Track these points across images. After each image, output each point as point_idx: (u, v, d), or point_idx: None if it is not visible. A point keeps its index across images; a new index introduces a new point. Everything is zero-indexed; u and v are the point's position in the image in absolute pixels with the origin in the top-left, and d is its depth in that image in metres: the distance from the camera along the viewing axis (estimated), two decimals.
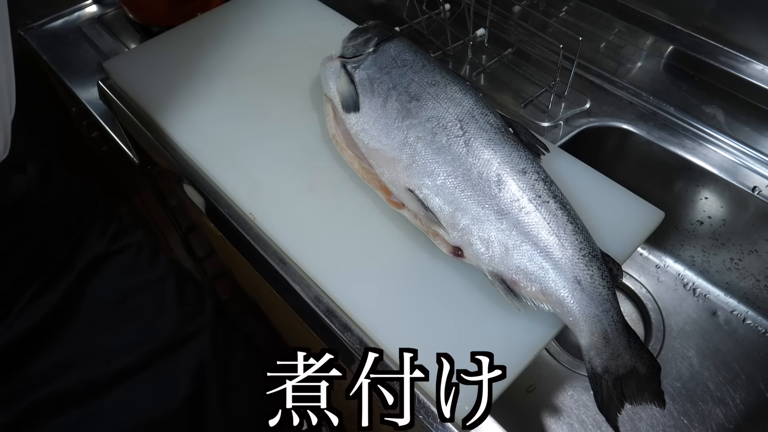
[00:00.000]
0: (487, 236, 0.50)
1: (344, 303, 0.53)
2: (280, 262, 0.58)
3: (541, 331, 0.51)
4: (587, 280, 0.48)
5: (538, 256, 0.49)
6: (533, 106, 0.76)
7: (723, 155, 0.70)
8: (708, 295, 0.79)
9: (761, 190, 0.67)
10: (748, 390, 0.71)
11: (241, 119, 0.68)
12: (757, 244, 0.71)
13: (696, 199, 0.73)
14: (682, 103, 0.75)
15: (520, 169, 0.51)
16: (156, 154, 0.71)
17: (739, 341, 0.75)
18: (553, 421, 0.70)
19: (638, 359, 0.48)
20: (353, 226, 0.58)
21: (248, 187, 0.61)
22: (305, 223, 0.58)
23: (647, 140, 0.73)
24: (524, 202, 0.50)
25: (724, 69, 0.71)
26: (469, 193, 0.51)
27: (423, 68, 0.59)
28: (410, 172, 0.54)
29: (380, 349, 0.50)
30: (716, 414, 0.69)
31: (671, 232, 0.80)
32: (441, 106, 0.55)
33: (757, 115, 0.71)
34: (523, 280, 0.49)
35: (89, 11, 1.07)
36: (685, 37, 0.74)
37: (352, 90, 0.60)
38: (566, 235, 0.49)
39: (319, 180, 0.61)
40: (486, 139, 0.53)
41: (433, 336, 0.50)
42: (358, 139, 0.59)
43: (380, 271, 0.54)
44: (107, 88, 0.77)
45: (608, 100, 0.77)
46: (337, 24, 0.79)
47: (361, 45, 0.63)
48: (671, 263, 0.82)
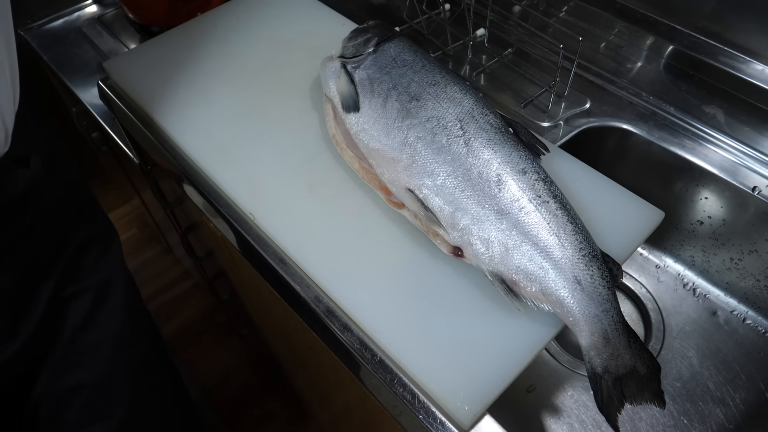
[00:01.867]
0: (487, 236, 0.50)
1: (344, 303, 0.53)
2: (280, 262, 0.58)
3: (541, 331, 0.51)
4: (587, 280, 0.48)
5: (538, 256, 0.49)
6: (533, 106, 0.76)
7: (723, 155, 0.70)
8: (708, 295, 0.79)
9: (761, 190, 0.67)
10: (748, 390, 0.71)
11: (241, 119, 0.68)
12: (757, 244, 0.71)
13: (696, 199, 0.73)
14: (682, 103, 0.75)
15: (520, 169, 0.51)
16: (156, 154, 0.71)
17: (739, 341, 0.75)
18: (553, 421, 0.70)
19: (638, 359, 0.48)
20: (353, 226, 0.58)
21: (248, 187, 0.61)
22: (305, 223, 0.58)
23: (647, 140, 0.73)
24: (524, 202, 0.50)
25: (724, 69, 0.71)
26: (469, 193, 0.51)
27: (423, 68, 0.59)
28: (410, 172, 0.54)
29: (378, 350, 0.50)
30: (716, 414, 0.69)
31: (671, 232, 0.80)
32: (441, 106, 0.55)
33: (757, 115, 0.71)
34: (523, 280, 0.49)
35: (89, 11, 1.07)
36: (685, 37, 0.74)
37: (352, 90, 0.60)
38: (566, 235, 0.49)
39: (319, 180, 0.61)
40: (486, 139, 0.53)
41: (433, 336, 0.50)
42: (358, 139, 0.59)
43: (380, 271, 0.54)
44: (107, 88, 0.77)
45: (608, 100, 0.77)
46: (337, 24, 0.79)
47: (361, 45, 0.63)
48: (671, 263, 0.82)
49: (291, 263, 0.57)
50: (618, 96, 0.77)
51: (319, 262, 0.55)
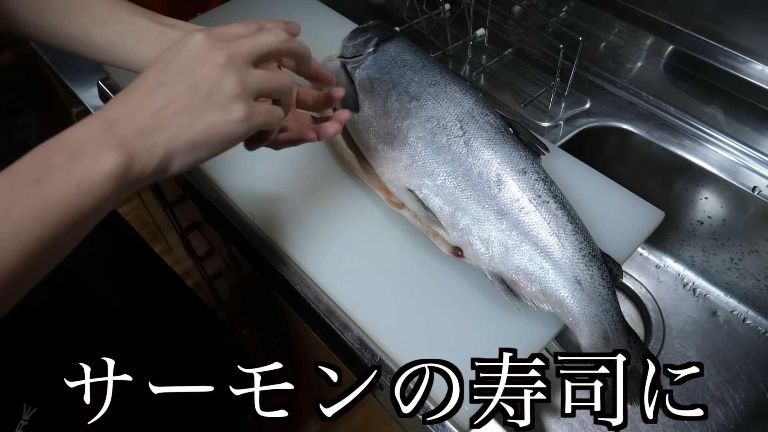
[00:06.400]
0: (487, 236, 0.50)
1: (344, 303, 0.53)
2: (280, 262, 0.58)
3: (541, 331, 0.51)
4: (587, 280, 0.48)
5: (538, 256, 0.49)
6: (533, 106, 0.76)
7: (723, 155, 0.70)
8: (708, 295, 0.79)
9: (761, 190, 0.67)
10: (748, 390, 0.71)
11: None
12: (757, 244, 0.71)
13: (696, 199, 0.73)
14: (682, 103, 0.75)
15: (520, 169, 0.51)
16: None
17: (739, 341, 0.75)
18: (553, 421, 0.70)
19: (638, 359, 0.48)
20: (353, 226, 0.58)
21: (248, 187, 0.61)
22: (305, 223, 0.58)
23: (647, 140, 0.73)
24: (524, 202, 0.50)
25: (724, 69, 0.71)
26: (469, 193, 0.51)
27: (423, 68, 0.59)
28: (410, 172, 0.54)
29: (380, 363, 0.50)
30: (716, 414, 0.69)
31: (671, 232, 0.80)
32: (441, 106, 0.55)
33: (757, 115, 0.71)
34: (523, 280, 0.49)
35: None
36: (685, 37, 0.74)
37: (351, 90, 0.59)
38: (566, 235, 0.49)
39: (319, 180, 0.61)
40: (486, 139, 0.53)
41: (433, 336, 0.50)
42: (358, 139, 0.59)
43: (380, 271, 0.54)
44: (107, 88, 0.77)
45: (608, 100, 0.77)
46: (337, 24, 0.79)
47: (361, 45, 0.63)
48: (671, 263, 0.82)
49: (291, 263, 0.57)
50: (618, 96, 0.77)
51: (319, 262, 0.55)
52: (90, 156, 0.33)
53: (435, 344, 0.49)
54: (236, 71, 0.38)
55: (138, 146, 0.35)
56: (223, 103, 0.37)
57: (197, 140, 0.37)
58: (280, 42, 0.41)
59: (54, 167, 0.32)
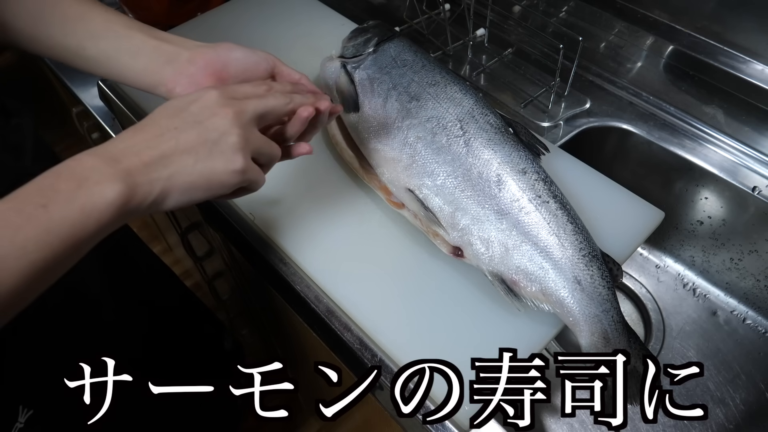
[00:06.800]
0: (487, 236, 0.50)
1: (344, 303, 0.53)
2: (280, 262, 0.58)
3: (541, 331, 0.51)
4: (587, 280, 0.48)
5: (538, 256, 0.49)
6: (533, 106, 0.76)
7: (723, 155, 0.70)
8: (708, 295, 0.79)
9: (761, 190, 0.67)
10: (748, 390, 0.71)
11: None
12: (757, 244, 0.71)
13: (696, 199, 0.73)
14: (682, 103, 0.75)
15: (520, 169, 0.51)
16: None
17: (739, 341, 0.75)
18: (553, 421, 0.70)
19: (638, 359, 0.48)
20: (353, 227, 0.58)
21: None
22: (305, 223, 0.58)
23: (647, 140, 0.73)
24: (524, 202, 0.50)
25: (724, 69, 0.71)
26: (469, 193, 0.51)
27: (423, 68, 0.59)
28: (410, 172, 0.54)
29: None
30: (716, 414, 0.69)
31: (671, 232, 0.80)
32: (441, 106, 0.55)
33: (757, 115, 0.71)
34: (523, 280, 0.49)
35: None
36: (685, 37, 0.74)
37: (351, 90, 0.59)
38: (566, 235, 0.49)
39: (319, 180, 0.61)
40: (486, 139, 0.53)
41: (433, 336, 0.50)
42: (358, 139, 0.59)
43: (380, 271, 0.54)
44: (107, 88, 0.76)
45: (608, 100, 0.77)
46: (337, 24, 0.79)
47: (361, 45, 0.63)
48: (671, 263, 0.82)
49: (291, 263, 0.57)
50: (618, 96, 0.77)
51: (319, 262, 0.55)
52: (95, 183, 0.35)
53: (435, 344, 0.49)
54: (242, 127, 0.41)
55: (140, 180, 0.37)
56: (227, 152, 0.40)
57: (195, 182, 0.39)
58: (284, 105, 0.45)
59: (61, 193, 0.34)
